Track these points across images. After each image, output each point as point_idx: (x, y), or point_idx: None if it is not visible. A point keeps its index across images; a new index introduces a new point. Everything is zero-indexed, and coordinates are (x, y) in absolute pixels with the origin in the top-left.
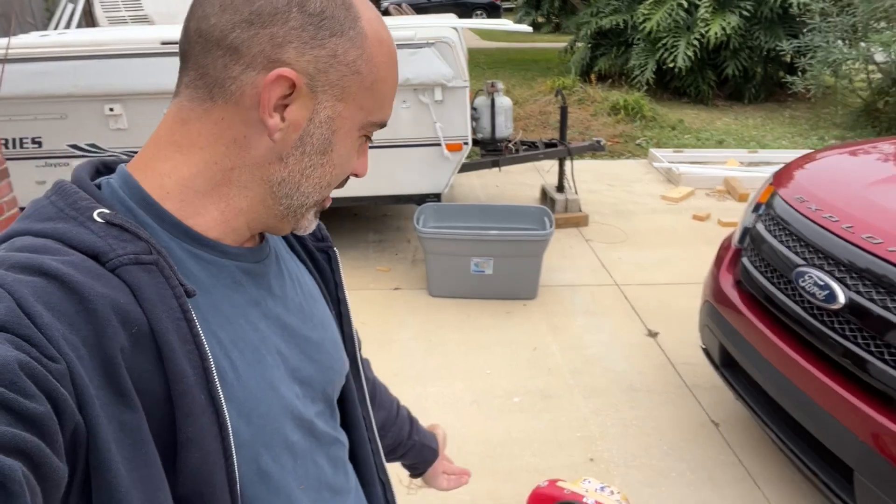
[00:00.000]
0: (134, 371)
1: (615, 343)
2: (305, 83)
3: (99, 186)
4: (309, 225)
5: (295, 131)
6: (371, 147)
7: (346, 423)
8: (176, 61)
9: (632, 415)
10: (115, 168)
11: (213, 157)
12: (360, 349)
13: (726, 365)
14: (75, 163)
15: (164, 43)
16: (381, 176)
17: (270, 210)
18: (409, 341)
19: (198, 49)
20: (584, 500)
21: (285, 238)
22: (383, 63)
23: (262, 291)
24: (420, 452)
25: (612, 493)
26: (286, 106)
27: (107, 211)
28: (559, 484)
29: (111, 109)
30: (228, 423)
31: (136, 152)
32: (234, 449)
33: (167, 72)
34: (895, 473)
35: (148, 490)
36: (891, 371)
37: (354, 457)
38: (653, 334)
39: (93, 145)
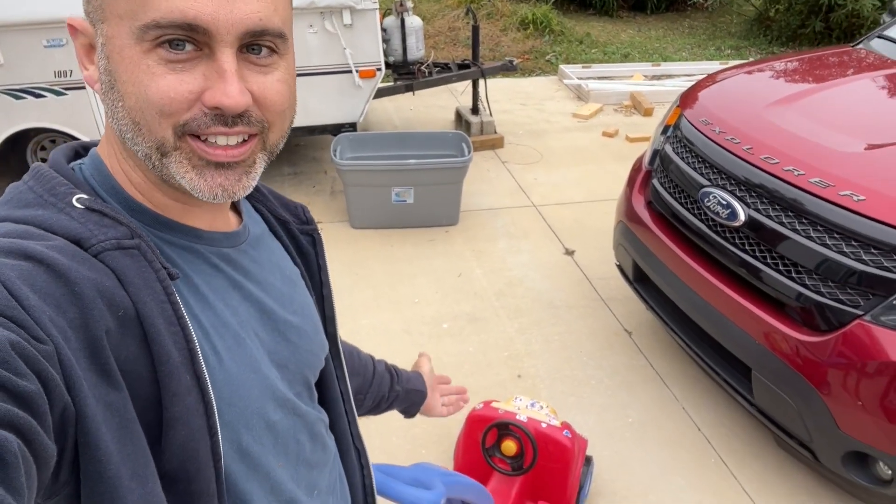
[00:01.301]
0: (120, 353)
1: (535, 263)
2: (88, 22)
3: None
4: (181, 178)
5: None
6: None
7: (324, 401)
8: None
9: (553, 331)
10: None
11: (106, 129)
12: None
13: (638, 280)
14: None
15: None
16: None
17: (146, 170)
18: (335, 276)
19: None
20: (517, 416)
21: (267, 221)
22: None
23: (241, 275)
24: (407, 398)
25: (541, 407)
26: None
27: (86, 196)
28: (493, 405)
29: None
30: (214, 402)
31: (14, 91)
32: (218, 427)
33: (44, 0)
34: (786, 370)
35: (136, 466)
36: (784, 280)
37: (332, 430)
38: (570, 252)
39: None
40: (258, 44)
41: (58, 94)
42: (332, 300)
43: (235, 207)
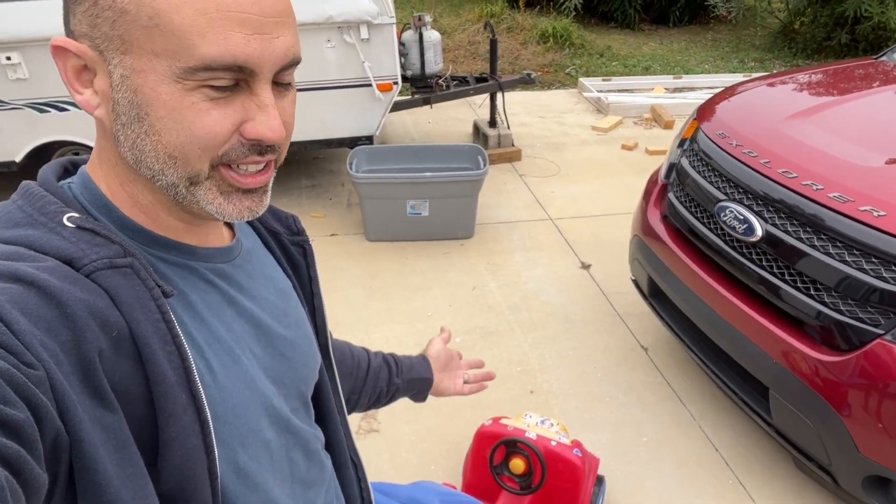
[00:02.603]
0: (114, 374)
1: (551, 277)
2: (88, 46)
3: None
4: (208, 203)
5: (108, 103)
6: (298, 90)
7: (320, 416)
8: None
9: (568, 345)
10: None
11: (101, 150)
12: (331, 339)
13: (654, 295)
14: None
15: None
16: (309, 120)
17: (158, 193)
18: (349, 288)
19: None
20: (526, 434)
21: (259, 233)
22: None
23: (235, 290)
24: (409, 387)
25: (551, 425)
26: (94, 78)
27: (76, 215)
28: (502, 421)
29: (8, 58)
30: (210, 421)
31: (38, 105)
32: (215, 446)
33: None
34: (805, 390)
35: (136, 487)
36: (802, 297)
37: (328, 445)
38: (586, 266)
39: None
40: (284, 79)
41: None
42: (324, 311)
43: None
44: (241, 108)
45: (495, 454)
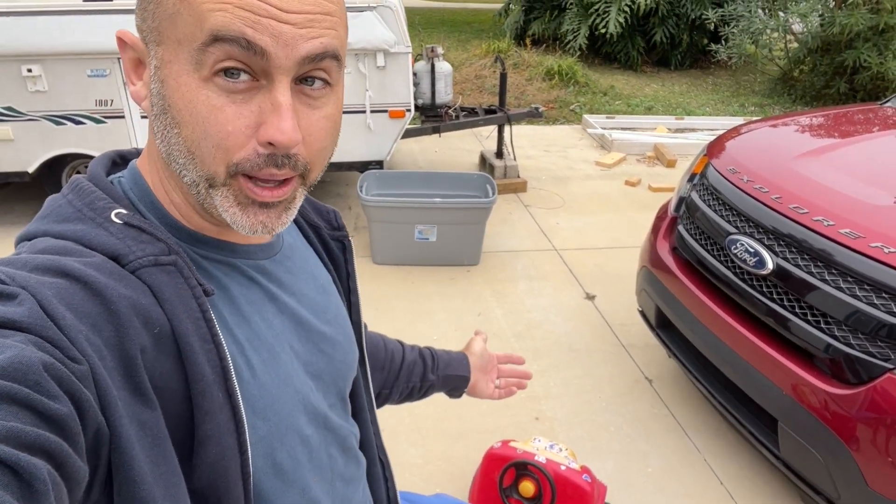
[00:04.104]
0: (155, 370)
1: (555, 306)
2: (140, 39)
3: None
4: (224, 211)
5: (149, 95)
6: None
7: (354, 411)
8: (98, 19)
9: (573, 374)
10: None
11: (148, 145)
12: (365, 335)
13: (662, 326)
14: None
15: (86, 0)
16: None
17: (187, 194)
18: None
19: None
20: (536, 457)
21: (301, 228)
22: None
23: (276, 287)
24: (445, 384)
25: (560, 450)
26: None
27: (124, 211)
28: (512, 444)
29: (29, 70)
30: (245, 420)
31: (55, 117)
32: (249, 445)
33: (89, 31)
34: (814, 423)
35: (168, 486)
36: (812, 330)
37: (360, 442)
38: (590, 297)
39: (10, 109)
40: (312, 75)
41: (97, 121)
42: (360, 307)
43: None
44: (257, 108)
45: (505, 476)
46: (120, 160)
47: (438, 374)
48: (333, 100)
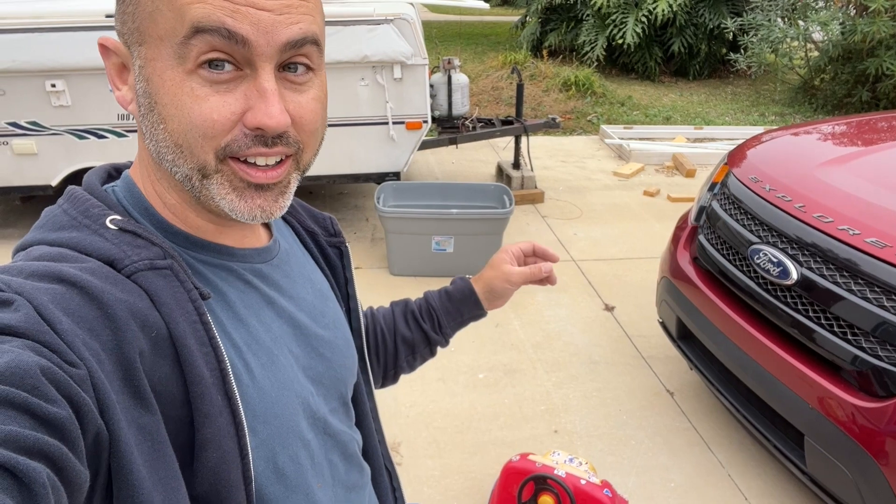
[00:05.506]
0: (153, 374)
1: (574, 318)
2: (123, 43)
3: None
4: (221, 199)
5: (135, 97)
6: (330, 125)
7: (357, 418)
8: None
9: (592, 386)
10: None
11: (138, 150)
12: (365, 341)
13: (683, 337)
14: (15, 141)
15: (108, 16)
16: (340, 154)
17: (182, 192)
18: None
19: None
20: (556, 471)
21: (298, 234)
22: None
23: (273, 291)
24: (458, 328)
25: (580, 463)
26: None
27: (119, 217)
28: (530, 457)
29: (53, 86)
30: (245, 423)
31: (78, 131)
32: (249, 449)
33: None
34: (842, 437)
35: (168, 490)
36: (839, 342)
37: (363, 450)
38: (609, 308)
39: (34, 123)
40: (295, 62)
41: (119, 135)
42: (360, 313)
43: (265, 222)
44: (242, 97)
45: (524, 490)
46: (115, 172)
47: (444, 333)
48: (318, 83)
